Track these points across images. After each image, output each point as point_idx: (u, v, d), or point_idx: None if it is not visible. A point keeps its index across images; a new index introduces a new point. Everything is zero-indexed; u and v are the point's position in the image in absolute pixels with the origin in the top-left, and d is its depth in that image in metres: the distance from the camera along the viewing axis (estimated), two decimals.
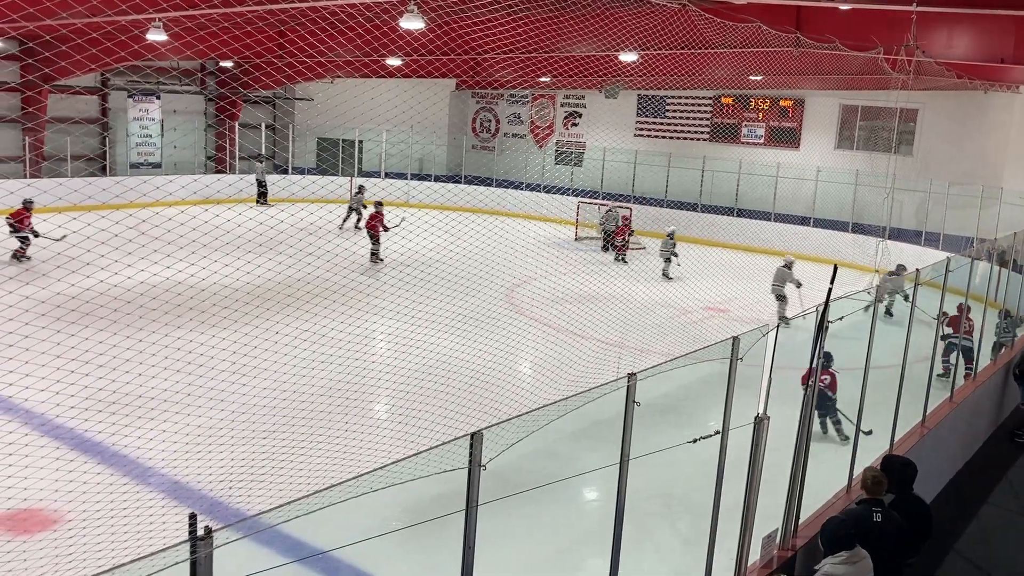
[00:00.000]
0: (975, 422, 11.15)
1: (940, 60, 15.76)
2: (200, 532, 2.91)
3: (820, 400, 9.17)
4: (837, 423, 10.12)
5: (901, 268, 17.48)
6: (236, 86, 29.26)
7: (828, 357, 9.93)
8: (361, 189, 24.96)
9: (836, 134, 26.52)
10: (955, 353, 11.80)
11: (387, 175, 30.37)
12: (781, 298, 16.27)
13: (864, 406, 7.69)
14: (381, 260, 19.28)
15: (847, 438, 9.44)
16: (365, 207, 23.98)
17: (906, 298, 12.11)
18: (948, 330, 12.04)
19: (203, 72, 29.35)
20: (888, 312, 12.92)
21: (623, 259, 22.78)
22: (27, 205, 17.41)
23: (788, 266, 16.61)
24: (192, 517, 2.99)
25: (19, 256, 17.20)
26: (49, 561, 5.62)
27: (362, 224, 23.20)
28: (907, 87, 15.01)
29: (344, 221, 24.52)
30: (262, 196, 27.75)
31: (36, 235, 16.62)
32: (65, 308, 7.60)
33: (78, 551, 5.33)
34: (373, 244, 19.47)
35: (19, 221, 17.32)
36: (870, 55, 14.94)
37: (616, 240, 23.32)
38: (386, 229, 19.25)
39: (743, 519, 6.02)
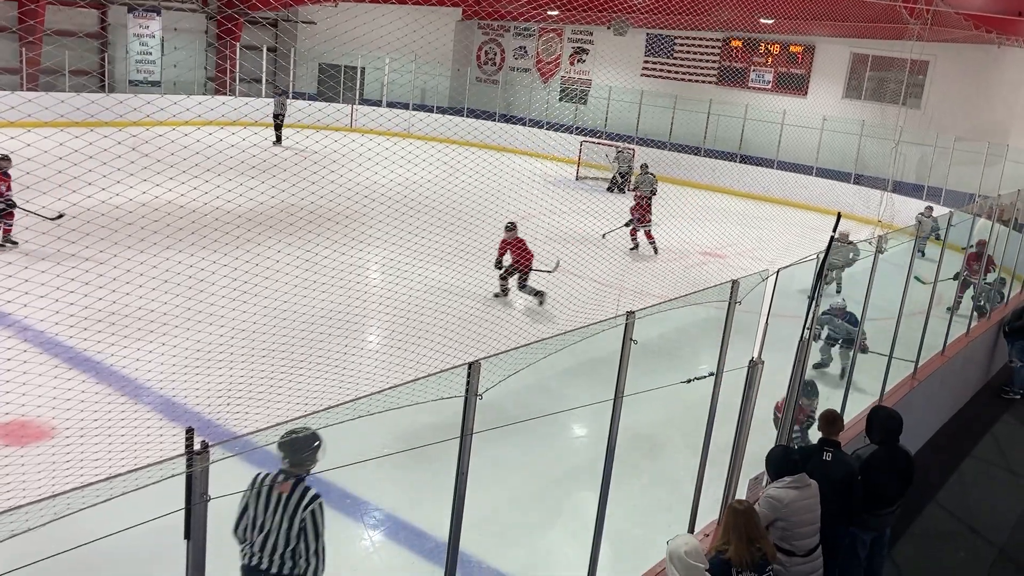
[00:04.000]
0: (965, 377, 11.27)
1: (959, 11, 15.50)
2: (196, 447, 2.93)
3: None
4: None
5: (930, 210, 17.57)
6: (239, 6, 28.67)
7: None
8: (637, 166, 20.66)
9: (845, 83, 26.21)
10: (969, 290, 11.98)
11: (389, 104, 30.01)
12: None
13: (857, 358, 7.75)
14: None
15: None
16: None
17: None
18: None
19: None
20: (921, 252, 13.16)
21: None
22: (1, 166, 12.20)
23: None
24: (189, 431, 3.00)
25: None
26: (46, 470, 5.70)
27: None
28: (922, 37, 14.78)
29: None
30: (278, 131, 25.26)
31: (12, 206, 11.83)
32: (65, 227, 7.57)
33: (75, 462, 5.40)
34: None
35: None
36: (889, 0, 14.67)
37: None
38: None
39: (731, 460, 6.11)
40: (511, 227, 13.13)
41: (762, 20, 23.74)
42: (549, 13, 27.75)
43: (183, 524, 2.91)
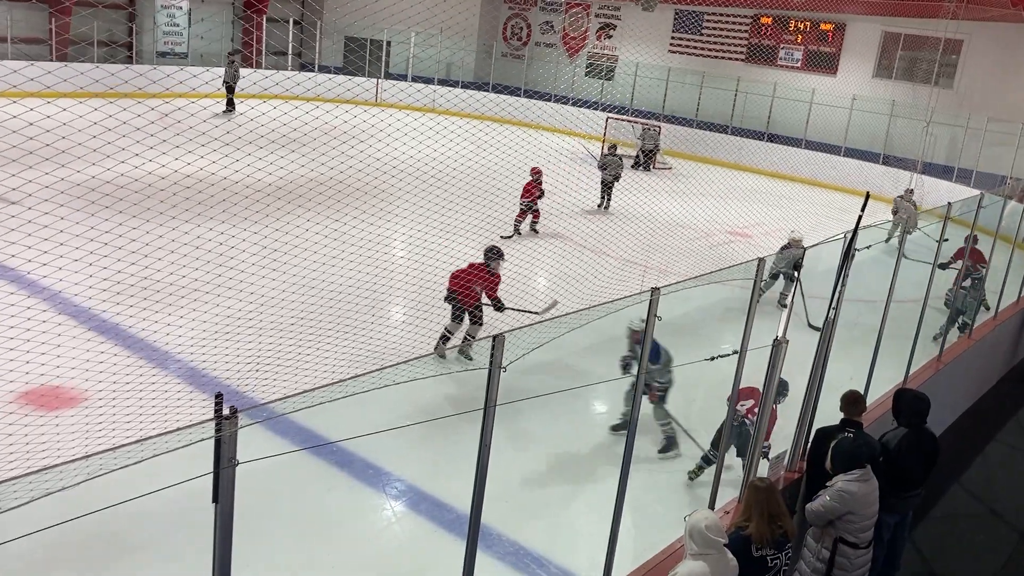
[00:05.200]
0: (991, 360, 11.17)
1: None
2: (225, 412, 2.97)
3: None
4: None
5: (911, 193, 17.24)
6: None
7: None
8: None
9: (875, 62, 25.79)
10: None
11: (414, 79, 29.93)
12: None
13: (882, 336, 7.71)
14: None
15: None
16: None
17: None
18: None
19: None
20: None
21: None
22: None
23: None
24: (218, 397, 3.04)
25: None
26: (79, 434, 5.81)
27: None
28: (957, 16, 14.52)
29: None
30: (229, 103, 23.84)
31: None
32: (99, 192, 7.65)
33: (106, 427, 5.50)
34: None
35: None
36: None
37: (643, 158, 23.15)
38: None
39: (753, 439, 6.12)
40: (498, 255, 9.61)
41: None
42: None
43: (211, 488, 2.96)
